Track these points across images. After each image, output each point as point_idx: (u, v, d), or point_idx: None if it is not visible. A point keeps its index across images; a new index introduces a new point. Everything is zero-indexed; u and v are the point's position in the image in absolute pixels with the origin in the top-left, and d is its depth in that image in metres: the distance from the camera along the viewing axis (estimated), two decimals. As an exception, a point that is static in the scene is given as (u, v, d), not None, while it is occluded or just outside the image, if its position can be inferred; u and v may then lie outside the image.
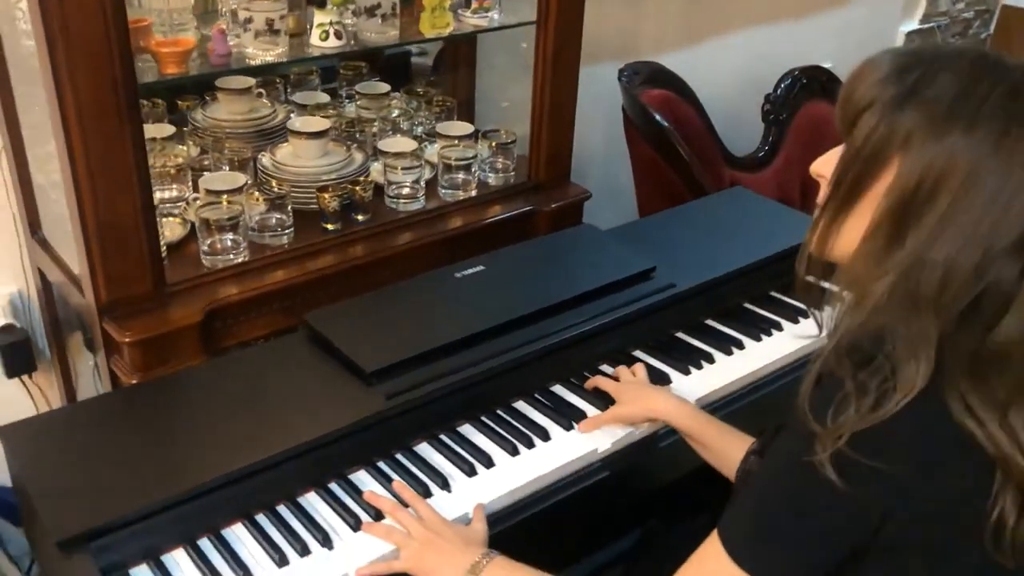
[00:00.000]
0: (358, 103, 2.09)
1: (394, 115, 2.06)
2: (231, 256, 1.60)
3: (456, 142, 1.93)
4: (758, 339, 1.61)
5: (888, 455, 0.83)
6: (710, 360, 1.56)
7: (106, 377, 1.50)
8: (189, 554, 1.15)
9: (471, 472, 1.30)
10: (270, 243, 1.67)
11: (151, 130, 1.85)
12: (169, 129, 1.89)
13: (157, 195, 1.70)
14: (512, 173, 1.96)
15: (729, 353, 1.57)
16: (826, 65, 2.99)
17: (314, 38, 1.61)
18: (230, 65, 1.54)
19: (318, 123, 1.82)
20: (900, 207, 0.86)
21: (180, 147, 1.89)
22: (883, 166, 0.88)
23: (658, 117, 2.19)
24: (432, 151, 1.96)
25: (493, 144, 1.94)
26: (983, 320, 0.85)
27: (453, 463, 1.31)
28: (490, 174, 1.96)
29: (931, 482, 0.84)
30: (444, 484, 1.27)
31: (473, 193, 1.88)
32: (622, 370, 1.48)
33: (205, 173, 1.80)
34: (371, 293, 1.52)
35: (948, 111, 0.84)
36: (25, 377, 1.78)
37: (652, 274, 1.63)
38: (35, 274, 1.71)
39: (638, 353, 1.57)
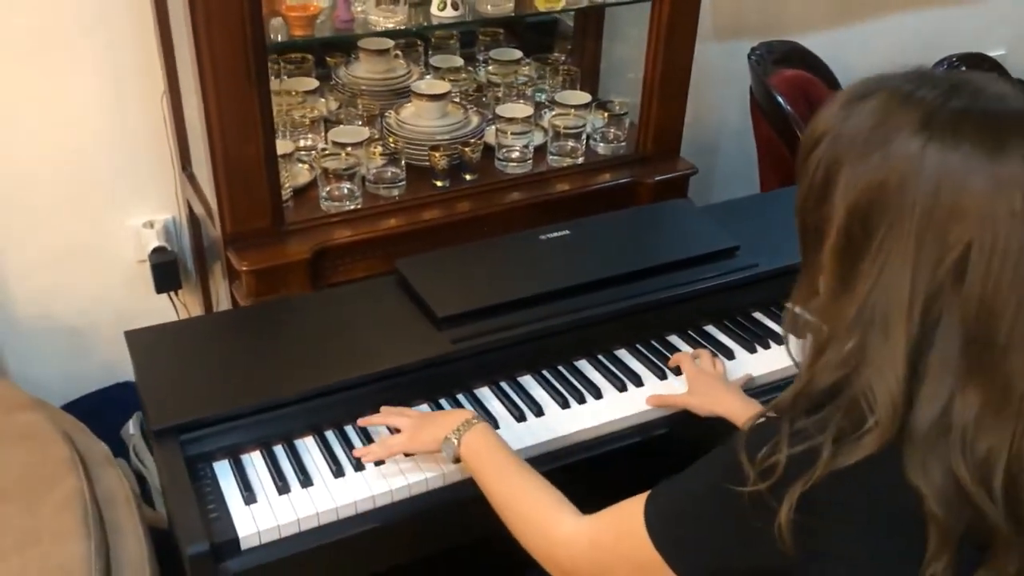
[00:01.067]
0: (488, 68, 2.21)
1: (520, 82, 2.17)
2: (346, 203, 1.77)
3: (571, 111, 2.02)
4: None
5: (820, 513, 0.82)
6: (779, 341, 1.60)
7: (228, 299, 1.71)
8: (263, 456, 1.33)
9: (520, 418, 1.41)
10: (383, 194, 1.83)
11: (296, 83, 2.06)
12: (312, 83, 2.08)
13: (293, 143, 1.91)
14: (623, 144, 2.03)
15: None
16: (996, 53, 2.85)
17: (434, 8, 1.74)
18: (353, 30, 1.69)
19: (440, 86, 1.96)
20: (841, 246, 0.84)
21: (321, 100, 2.08)
22: (829, 204, 0.85)
23: (780, 99, 2.19)
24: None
25: (605, 114, 2.02)
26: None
27: (506, 407, 1.43)
28: (600, 143, 2.04)
29: (863, 543, 0.82)
30: (493, 424, 1.39)
31: (580, 160, 1.97)
32: (705, 357, 1.51)
33: (339, 126, 1.98)
34: (459, 247, 1.65)
35: (864, 141, 0.82)
36: (172, 294, 2.04)
37: (735, 252, 1.68)
38: (184, 205, 1.96)
39: (709, 328, 1.63)
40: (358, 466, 1.32)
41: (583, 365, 1.53)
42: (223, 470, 1.31)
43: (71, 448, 1.56)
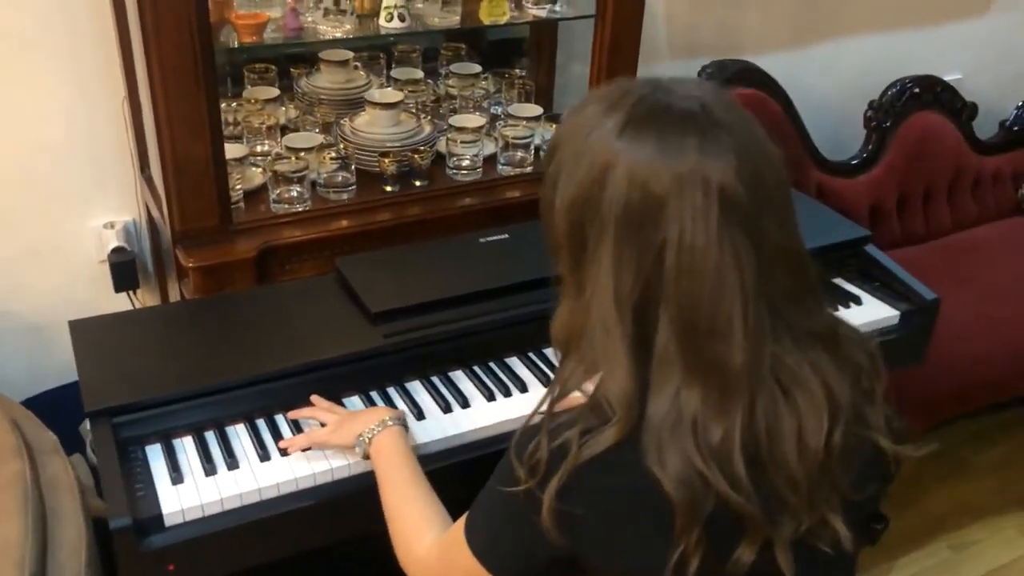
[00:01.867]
0: (447, 82, 2.28)
1: (477, 95, 2.24)
2: (295, 205, 1.83)
3: (521, 122, 2.09)
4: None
5: (575, 501, 0.87)
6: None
7: (178, 297, 1.77)
8: (194, 440, 1.38)
9: (447, 409, 1.47)
10: (333, 198, 1.89)
11: (258, 92, 2.13)
12: (273, 92, 2.15)
13: (247, 148, 1.98)
14: (572, 155, 2.10)
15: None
16: (952, 78, 2.93)
17: (381, 20, 1.81)
18: (301, 38, 1.76)
19: (393, 95, 2.03)
20: (567, 255, 0.92)
21: (281, 108, 2.15)
22: (554, 214, 0.93)
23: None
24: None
25: (552, 126, 2.08)
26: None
27: (434, 399, 1.49)
28: (550, 154, 2.10)
29: (614, 528, 0.88)
30: (420, 415, 1.45)
31: (528, 170, 2.03)
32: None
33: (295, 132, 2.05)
34: (399, 248, 1.71)
35: (574, 152, 0.89)
36: (131, 293, 2.10)
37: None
38: (143, 207, 2.02)
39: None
40: (284, 452, 1.37)
41: (513, 361, 1.58)
42: (154, 452, 1.36)
43: (17, 435, 1.62)
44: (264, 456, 1.36)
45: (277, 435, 1.40)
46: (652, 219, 0.83)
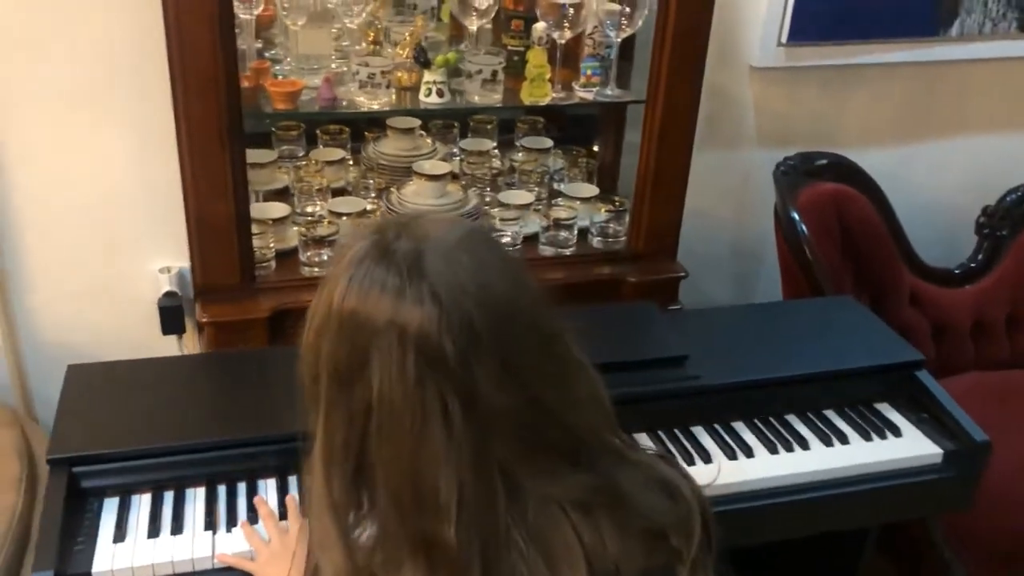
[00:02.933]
0: (514, 155, 2.26)
1: (539, 170, 2.20)
2: (323, 269, 1.84)
3: (574, 202, 2.04)
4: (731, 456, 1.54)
5: None
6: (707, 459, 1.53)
7: (198, 349, 1.81)
8: (151, 499, 1.38)
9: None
10: (363, 264, 1.88)
11: (324, 153, 2.18)
12: (339, 154, 2.20)
13: (300, 207, 2.01)
14: (622, 240, 2.01)
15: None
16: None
17: (422, 93, 1.80)
18: (335, 108, 1.78)
19: (440, 167, 2.02)
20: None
21: (342, 171, 2.18)
22: None
23: (795, 216, 2.12)
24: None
25: (602, 209, 2.01)
26: None
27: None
28: (598, 237, 2.03)
29: None
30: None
31: (567, 252, 1.96)
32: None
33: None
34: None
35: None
36: (177, 337, 2.16)
37: (683, 363, 1.62)
38: (194, 255, 2.08)
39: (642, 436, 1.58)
40: (232, 523, 1.35)
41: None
42: (110, 506, 1.37)
43: (24, 467, 1.68)
44: (209, 524, 1.34)
45: (233, 503, 1.38)
46: (358, 375, 0.76)
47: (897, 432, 1.60)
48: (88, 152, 1.99)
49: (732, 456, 1.53)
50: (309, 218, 1.95)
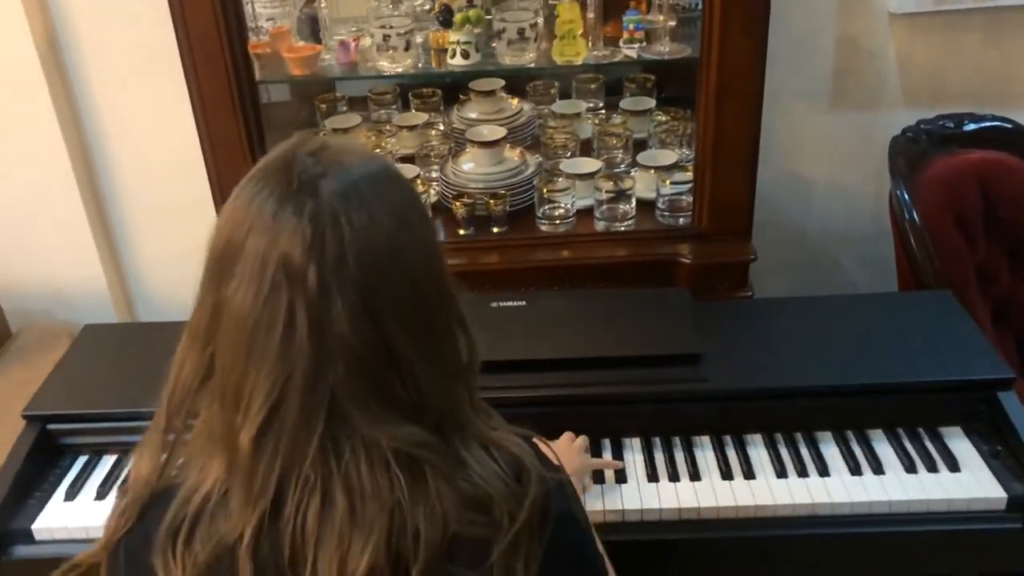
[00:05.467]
0: (600, 117, 2.08)
1: (620, 132, 2.00)
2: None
3: (650, 171, 1.84)
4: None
5: None
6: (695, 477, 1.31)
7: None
8: (114, 463, 1.41)
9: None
10: (402, 233, 1.81)
11: (408, 118, 2.12)
12: (421, 118, 2.12)
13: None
14: (689, 214, 1.79)
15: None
16: None
17: (448, 55, 1.68)
18: (355, 72, 1.70)
19: (496, 132, 1.88)
20: None
21: (419, 137, 2.10)
22: None
23: (906, 197, 1.76)
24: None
25: (667, 181, 1.79)
26: None
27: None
28: (665, 212, 1.81)
29: None
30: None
31: (621, 228, 1.77)
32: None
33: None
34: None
35: None
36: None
37: (695, 362, 1.40)
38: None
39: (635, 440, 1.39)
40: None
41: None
42: (78, 465, 1.41)
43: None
44: (154, 492, 1.34)
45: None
46: (227, 269, 0.78)
47: (954, 465, 1.29)
48: (178, 115, 2.06)
49: (727, 475, 1.31)
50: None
